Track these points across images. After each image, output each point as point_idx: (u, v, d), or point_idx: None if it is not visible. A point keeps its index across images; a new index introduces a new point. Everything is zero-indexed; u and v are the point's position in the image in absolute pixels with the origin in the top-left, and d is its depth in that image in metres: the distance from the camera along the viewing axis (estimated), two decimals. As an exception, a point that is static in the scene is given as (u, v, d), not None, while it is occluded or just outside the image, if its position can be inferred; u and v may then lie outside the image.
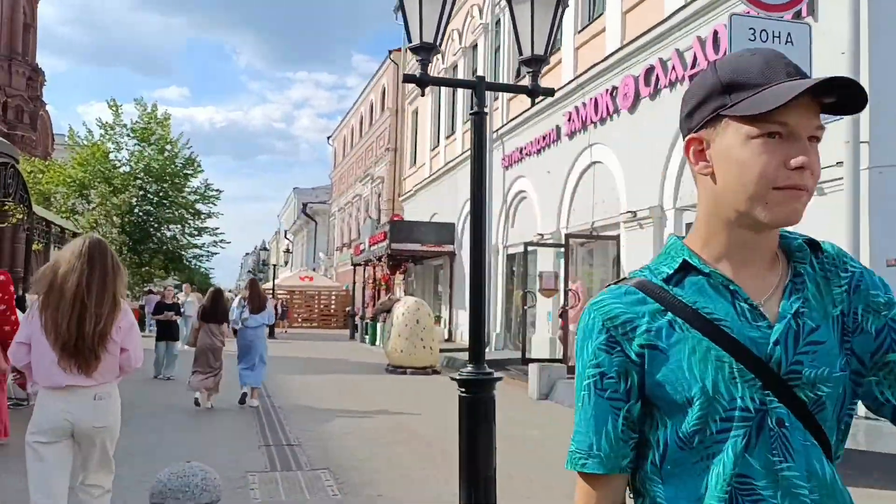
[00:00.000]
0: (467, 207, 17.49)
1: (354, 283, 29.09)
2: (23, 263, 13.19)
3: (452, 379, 4.73)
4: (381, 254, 21.80)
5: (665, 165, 10.79)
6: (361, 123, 38.63)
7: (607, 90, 12.34)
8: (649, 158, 11.11)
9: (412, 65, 5.70)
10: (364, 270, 26.52)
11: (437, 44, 4.40)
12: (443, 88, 23.16)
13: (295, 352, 20.25)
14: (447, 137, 22.68)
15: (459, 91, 21.43)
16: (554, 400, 10.58)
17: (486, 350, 14.93)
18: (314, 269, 46.45)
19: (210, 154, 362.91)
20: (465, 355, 16.40)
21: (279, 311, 30.60)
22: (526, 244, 13.91)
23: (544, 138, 15.12)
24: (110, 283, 3.31)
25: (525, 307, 13.76)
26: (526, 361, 13.63)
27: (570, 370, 11.46)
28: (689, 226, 10.22)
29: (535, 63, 4.61)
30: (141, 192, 29.47)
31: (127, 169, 29.90)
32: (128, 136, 30.01)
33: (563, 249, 14.01)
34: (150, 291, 27.56)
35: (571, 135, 13.89)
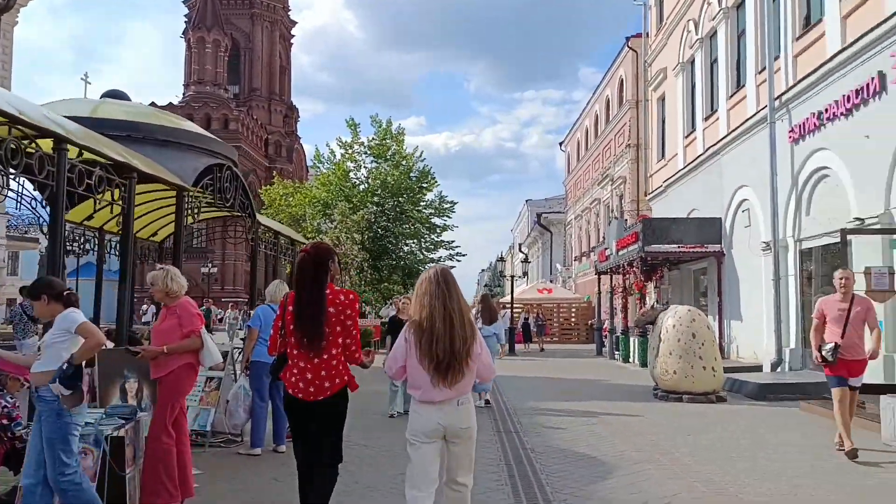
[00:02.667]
0: (739, 196, 14.17)
1: (599, 293, 26.41)
2: (247, 279, 12.47)
3: None
4: (632, 258, 18.97)
5: None
6: (597, 123, 35.94)
7: (975, 3, 8.64)
8: None
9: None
10: (611, 278, 23.75)
11: None
12: (697, 63, 19.88)
13: (542, 370, 18.13)
14: (706, 119, 19.29)
15: (721, 60, 18.06)
16: (932, 451, 7.18)
17: (780, 369, 11.51)
18: (551, 281, 44.37)
19: (446, 177, 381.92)
20: (751, 376, 13.02)
21: (535, 325, 28.68)
22: (844, 231, 10.42)
23: (857, 94, 11.47)
24: (465, 307, 3.77)
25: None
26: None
27: (950, 406, 7.91)
28: None
29: None
30: (378, 209, 29.50)
31: (365, 186, 30.15)
32: (365, 153, 30.28)
33: (901, 236, 10.35)
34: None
35: (906, 80, 10.19)
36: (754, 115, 15.66)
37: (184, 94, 62.11)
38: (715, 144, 18.11)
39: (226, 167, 8.56)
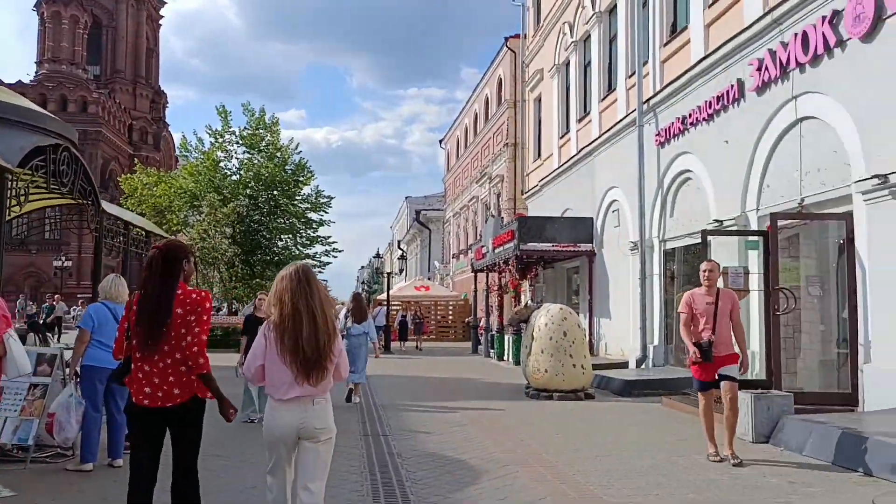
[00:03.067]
0: (609, 197, 14.53)
1: (475, 291, 26.56)
2: (91, 273, 11.38)
3: None
4: (508, 256, 19.10)
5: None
6: (476, 121, 36.24)
7: (825, 17, 9.10)
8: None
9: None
10: (487, 276, 23.90)
11: None
12: (572, 66, 20.31)
13: (417, 369, 17.90)
14: (580, 120, 19.73)
15: (594, 64, 18.49)
16: (782, 445, 7.45)
17: (645, 366, 11.78)
18: (429, 279, 44.42)
19: (327, 173, 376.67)
20: (618, 373, 13.35)
21: (412, 323, 27.98)
22: (704, 232, 10.80)
23: (719, 100, 11.95)
24: (327, 304, 3.74)
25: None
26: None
27: (799, 399, 8.28)
28: None
29: None
30: (251, 202, 28.28)
31: (236, 177, 28.82)
32: (237, 143, 28.93)
33: (755, 238, 10.84)
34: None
35: (762, 88, 10.67)
36: (624, 118, 16.11)
37: (36, 72, 57.21)
38: (588, 146, 18.54)
39: (62, 148, 7.63)
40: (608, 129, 17.10)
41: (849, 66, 8.78)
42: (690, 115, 12.97)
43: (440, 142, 47.30)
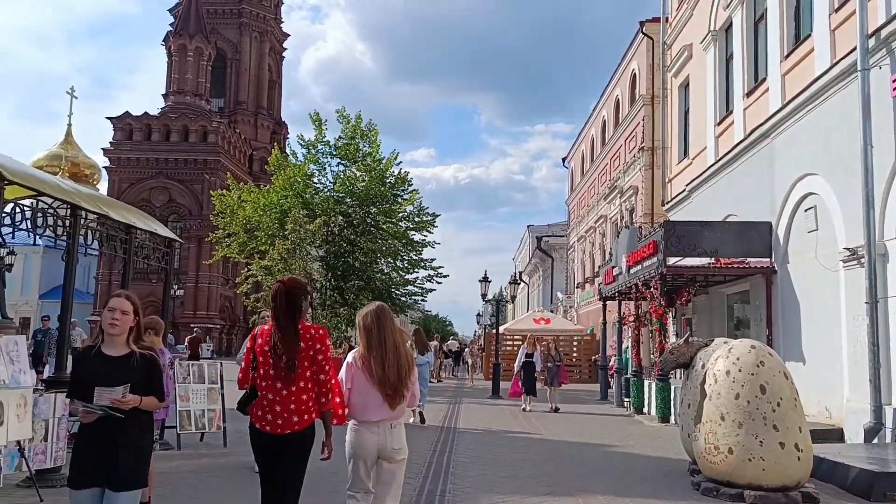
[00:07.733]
0: (801, 189, 7.64)
1: (604, 323, 21.60)
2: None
3: None
4: (649, 276, 14.24)
5: None
6: (604, 129, 31.44)
7: None
8: None
9: None
10: (619, 305, 18.99)
11: None
12: (735, 27, 15.39)
13: (525, 423, 13.35)
14: (748, 95, 14.70)
15: (772, 13, 13.53)
16: None
17: (879, 439, 6.46)
18: (552, 311, 39.52)
19: (454, 209, 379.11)
20: (842, 454, 7.74)
21: (544, 366, 17.43)
22: None
23: None
24: (403, 338, 4.28)
25: None
26: None
27: None
28: None
29: None
30: (344, 219, 24.90)
31: (329, 193, 25.55)
32: (331, 154, 25.76)
33: None
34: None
35: None
36: (827, 70, 11.07)
37: (165, 104, 58.17)
38: (763, 124, 13.49)
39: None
40: (798, 94, 12.05)
41: None
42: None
43: (563, 160, 42.67)
